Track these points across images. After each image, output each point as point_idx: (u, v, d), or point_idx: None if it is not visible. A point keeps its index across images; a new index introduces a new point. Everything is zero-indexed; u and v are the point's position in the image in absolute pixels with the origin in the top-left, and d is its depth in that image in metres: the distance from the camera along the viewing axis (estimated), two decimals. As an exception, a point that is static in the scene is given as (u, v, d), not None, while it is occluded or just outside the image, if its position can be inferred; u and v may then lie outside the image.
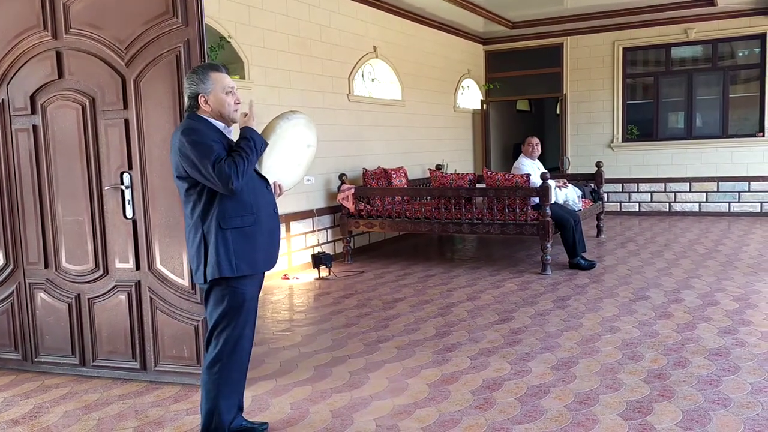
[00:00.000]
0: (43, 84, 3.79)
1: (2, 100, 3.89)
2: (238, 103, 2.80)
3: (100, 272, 3.81)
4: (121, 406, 3.45)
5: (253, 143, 2.71)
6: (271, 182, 2.92)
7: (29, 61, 3.80)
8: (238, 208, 2.71)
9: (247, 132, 2.74)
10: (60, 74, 3.74)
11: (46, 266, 3.93)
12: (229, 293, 2.74)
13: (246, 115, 2.81)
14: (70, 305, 3.89)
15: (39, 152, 3.86)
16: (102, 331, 3.85)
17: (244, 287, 2.77)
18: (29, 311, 4.01)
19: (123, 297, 3.77)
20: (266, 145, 2.79)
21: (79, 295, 3.87)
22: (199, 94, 2.74)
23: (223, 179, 2.60)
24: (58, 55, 3.73)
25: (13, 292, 4.02)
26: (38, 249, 3.93)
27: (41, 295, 3.96)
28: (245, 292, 2.77)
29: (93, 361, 3.89)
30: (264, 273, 2.93)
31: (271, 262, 2.87)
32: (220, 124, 2.80)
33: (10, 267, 4.01)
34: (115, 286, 3.79)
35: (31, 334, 4.02)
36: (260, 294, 2.97)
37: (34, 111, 3.84)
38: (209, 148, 2.63)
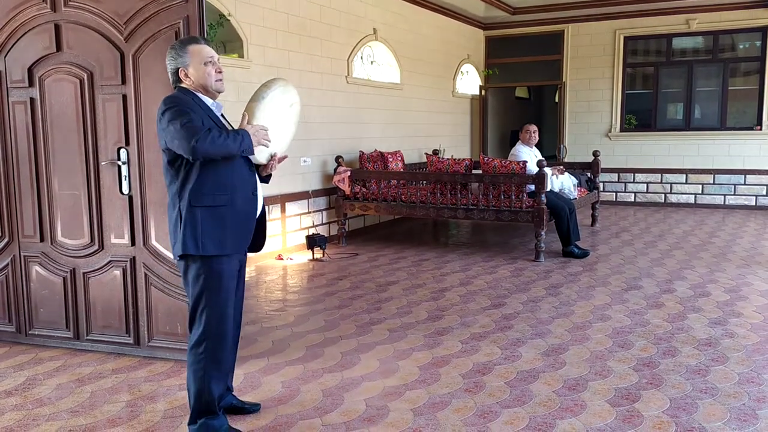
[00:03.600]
0: (41, 57, 3.76)
1: (-1, 71, 3.87)
2: (220, 72, 2.74)
3: (96, 247, 3.81)
4: (114, 380, 3.47)
5: (240, 139, 2.63)
6: (266, 160, 2.88)
7: (27, 33, 3.77)
8: (211, 186, 2.66)
9: (240, 130, 2.68)
10: (58, 47, 3.72)
11: (42, 240, 3.93)
12: (204, 272, 2.69)
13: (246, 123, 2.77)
14: (65, 279, 3.90)
15: (36, 125, 3.84)
16: (96, 306, 3.86)
17: (219, 266, 2.70)
18: (24, 284, 4.02)
19: (118, 272, 3.78)
20: (251, 152, 2.70)
21: (74, 269, 3.88)
22: (178, 68, 2.71)
23: (188, 137, 2.52)
24: (57, 27, 3.71)
25: (7, 264, 4.03)
26: (34, 222, 3.93)
27: (36, 269, 3.97)
28: (221, 271, 2.71)
29: (87, 335, 3.91)
30: (246, 254, 2.89)
31: (242, 244, 2.78)
32: (208, 100, 2.76)
33: (5, 240, 4.01)
34: (110, 261, 3.80)
35: (26, 307, 4.03)
36: (252, 273, 2.98)
37: (31, 84, 3.82)
38: (184, 113, 2.58)
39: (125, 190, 3.69)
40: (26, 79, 3.82)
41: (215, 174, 2.66)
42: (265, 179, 3.01)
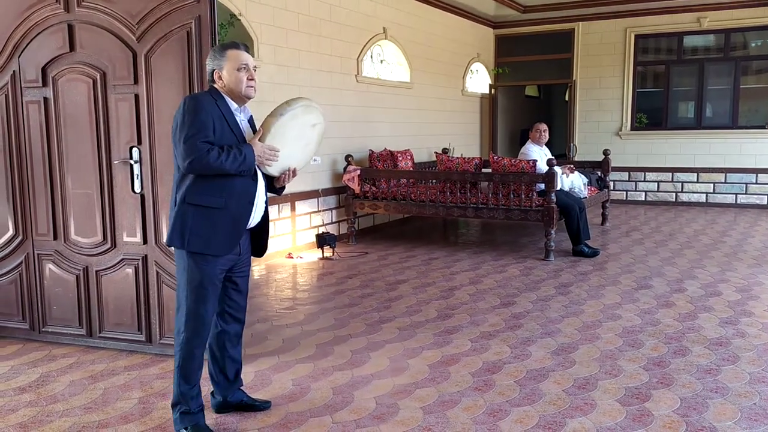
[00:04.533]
0: (54, 57, 3.80)
1: (14, 71, 3.91)
2: (251, 79, 2.78)
3: (108, 245, 3.85)
4: (127, 377, 3.50)
5: (241, 160, 2.66)
6: (278, 173, 2.89)
7: (41, 33, 3.81)
8: (208, 187, 2.69)
9: (245, 148, 2.70)
10: (72, 47, 3.76)
11: (55, 238, 3.97)
12: (188, 267, 2.75)
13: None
14: (78, 277, 3.94)
15: (49, 125, 3.88)
16: (109, 304, 3.90)
17: (203, 264, 2.72)
18: (37, 282, 4.06)
19: (130, 270, 3.82)
20: (251, 171, 2.73)
21: (87, 267, 3.92)
22: (214, 69, 2.78)
23: (186, 154, 2.59)
24: (70, 28, 3.74)
25: (21, 262, 4.07)
26: (47, 220, 3.96)
27: (49, 266, 4.01)
28: (204, 269, 2.73)
29: (99, 333, 3.95)
30: (240, 254, 2.87)
31: (228, 247, 2.76)
32: (233, 104, 2.80)
33: (19, 238, 4.05)
34: (123, 259, 3.83)
35: (39, 305, 4.07)
36: (262, 272, 2.99)
37: (45, 83, 3.85)
38: (194, 123, 2.61)
39: (137, 188, 3.72)
40: (40, 78, 3.85)
41: (213, 177, 2.69)
42: (278, 190, 3.04)
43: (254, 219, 2.88)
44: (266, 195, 2.95)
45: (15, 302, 4.12)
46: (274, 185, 2.99)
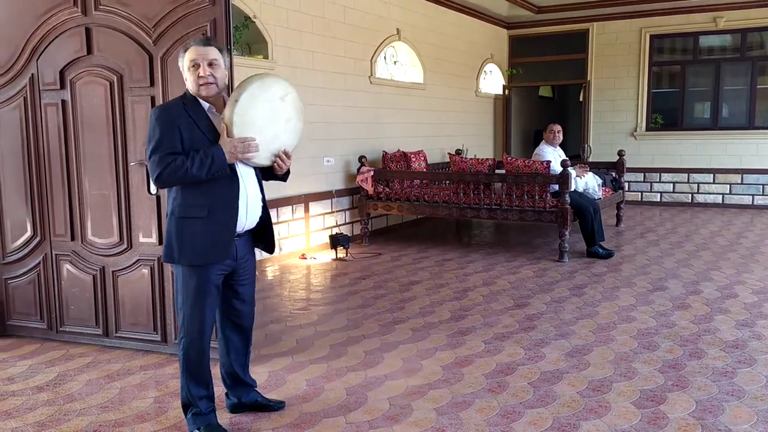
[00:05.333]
0: (72, 60, 3.85)
1: (32, 74, 3.96)
2: (202, 76, 2.63)
3: (124, 246, 3.89)
4: (143, 377, 3.54)
5: (209, 163, 2.57)
6: (269, 161, 2.77)
7: (59, 36, 3.86)
8: (190, 198, 2.66)
9: (213, 149, 2.60)
10: (89, 50, 3.80)
11: (73, 238, 4.02)
12: (183, 275, 2.73)
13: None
14: (94, 277, 3.99)
15: (67, 127, 3.93)
16: (125, 304, 3.94)
17: (194, 275, 2.70)
18: (55, 282, 4.11)
19: (146, 271, 3.85)
20: (225, 171, 2.62)
21: (103, 267, 3.96)
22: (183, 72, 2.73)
23: (152, 169, 2.61)
24: (88, 31, 3.79)
25: (39, 262, 4.12)
26: (65, 221, 4.01)
27: (67, 267, 4.06)
28: (196, 279, 2.70)
29: (116, 332, 3.99)
30: (236, 262, 2.80)
31: (217, 255, 2.69)
32: (205, 104, 2.72)
33: (38, 238, 4.11)
34: (139, 260, 3.87)
35: (57, 305, 4.12)
36: (276, 273, 2.99)
37: (63, 86, 3.90)
38: (156, 135, 2.60)
39: (153, 190, 3.76)
40: (58, 81, 3.90)
41: (193, 186, 2.64)
42: (282, 177, 2.90)
43: (249, 219, 2.79)
44: (261, 192, 2.84)
45: (33, 302, 4.18)
46: (276, 174, 2.86)
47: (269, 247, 2.97)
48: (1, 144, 4.10)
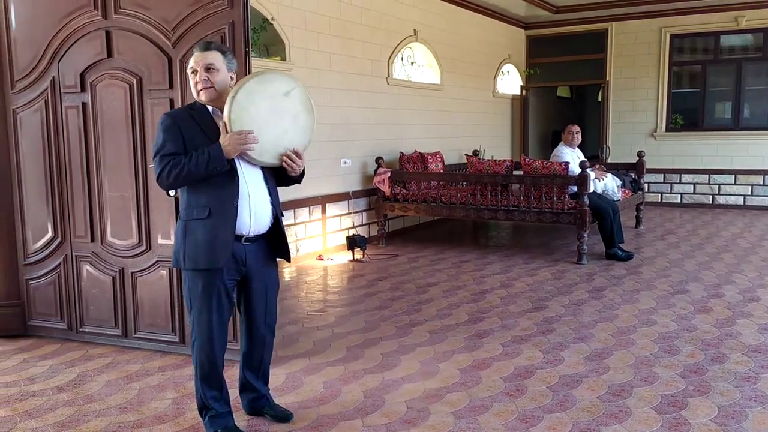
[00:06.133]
0: (92, 62, 3.88)
1: (53, 77, 4.00)
2: (197, 82, 2.66)
3: (143, 247, 3.91)
4: (161, 378, 3.56)
5: (206, 159, 2.57)
6: (275, 159, 2.71)
7: (80, 39, 3.89)
8: (192, 200, 2.68)
9: (210, 147, 2.60)
10: (109, 53, 3.83)
11: (92, 240, 4.05)
12: (188, 279, 2.75)
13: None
14: (114, 278, 4.02)
15: (87, 129, 3.96)
16: (144, 305, 3.97)
17: (198, 279, 2.71)
18: (75, 283, 4.14)
19: (164, 272, 3.88)
20: (223, 166, 2.59)
21: (122, 268, 3.99)
22: None
23: (154, 172, 2.65)
24: (108, 34, 3.82)
25: (60, 263, 4.17)
26: (85, 223, 4.05)
27: (87, 268, 4.09)
28: (200, 283, 2.70)
29: (135, 333, 4.02)
30: (244, 268, 2.77)
31: (217, 258, 2.66)
32: (210, 107, 2.73)
33: (58, 240, 4.15)
34: (157, 261, 3.89)
35: (77, 305, 4.16)
36: (293, 274, 2.98)
37: (83, 89, 3.94)
38: (160, 140, 2.65)
39: (172, 192, 3.77)
40: (78, 84, 3.94)
41: (195, 187, 2.67)
42: (296, 179, 2.86)
43: (255, 222, 2.74)
44: (270, 195, 2.78)
45: (54, 303, 4.22)
46: (290, 176, 2.80)
47: (284, 255, 2.93)
48: (23, 146, 4.15)
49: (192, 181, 2.65)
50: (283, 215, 2.92)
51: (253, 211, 2.73)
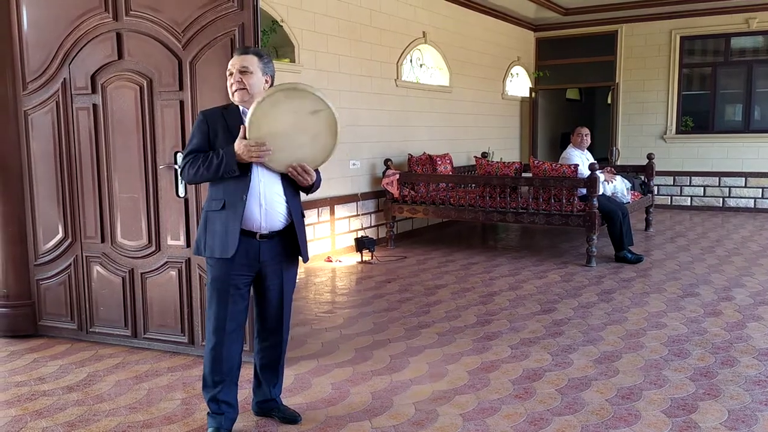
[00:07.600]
0: (103, 64, 3.90)
1: (64, 79, 4.03)
2: (232, 83, 2.76)
3: (153, 248, 3.93)
4: (170, 378, 3.57)
5: (219, 159, 2.68)
6: (283, 168, 2.74)
7: (90, 41, 3.92)
8: (212, 193, 2.82)
9: (226, 148, 2.69)
10: (120, 55, 3.86)
11: (103, 241, 4.08)
12: (208, 268, 2.86)
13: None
14: (124, 279, 4.04)
15: (98, 130, 3.99)
16: (153, 305, 3.98)
17: (213, 268, 2.80)
18: (85, 283, 4.17)
19: (174, 273, 3.89)
20: (233, 172, 2.67)
21: (132, 269, 4.01)
22: None
23: (179, 167, 2.75)
24: (118, 36, 3.84)
25: (70, 264, 4.19)
26: (95, 224, 4.07)
27: (97, 268, 4.12)
28: (214, 273, 2.80)
29: (144, 334, 4.04)
30: (258, 263, 2.81)
31: (226, 248, 2.73)
32: (242, 108, 2.80)
33: (69, 240, 4.17)
34: (167, 262, 3.91)
35: (87, 305, 4.18)
36: (301, 275, 2.99)
37: (94, 90, 3.96)
38: (192, 137, 2.81)
39: (181, 193, 3.80)
40: (89, 85, 3.97)
41: (214, 182, 2.80)
42: (305, 190, 2.88)
43: (267, 219, 2.76)
44: (286, 195, 2.80)
45: (64, 303, 4.24)
46: (302, 186, 2.85)
47: (299, 254, 2.94)
48: (34, 147, 4.18)
49: (208, 180, 2.79)
50: (303, 216, 2.95)
51: (264, 209, 2.77)
